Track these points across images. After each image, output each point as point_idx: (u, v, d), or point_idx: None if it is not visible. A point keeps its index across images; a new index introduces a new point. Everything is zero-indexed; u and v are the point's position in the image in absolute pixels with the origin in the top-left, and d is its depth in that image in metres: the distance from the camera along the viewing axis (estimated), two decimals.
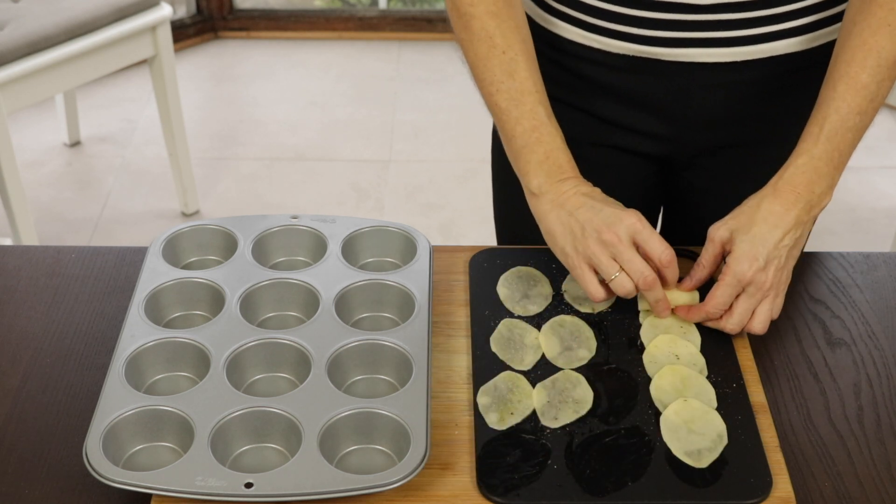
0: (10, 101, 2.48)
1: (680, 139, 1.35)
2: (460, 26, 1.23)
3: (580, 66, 1.32)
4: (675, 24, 1.24)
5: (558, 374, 1.15)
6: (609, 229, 1.14)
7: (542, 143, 1.20)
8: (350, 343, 1.14)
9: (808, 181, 1.15)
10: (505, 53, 1.21)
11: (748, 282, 1.14)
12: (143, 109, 3.42)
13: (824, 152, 1.16)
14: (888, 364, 1.20)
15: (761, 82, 1.29)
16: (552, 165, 1.19)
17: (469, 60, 1.24)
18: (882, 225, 2.97)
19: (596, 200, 1.17)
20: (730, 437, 1.08)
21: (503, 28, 1.21)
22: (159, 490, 0.99)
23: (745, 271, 1.14)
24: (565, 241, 1.17)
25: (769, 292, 1.15)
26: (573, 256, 1.17)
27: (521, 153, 1.21)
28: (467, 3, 1.21)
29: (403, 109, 3.45)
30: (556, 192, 1.18)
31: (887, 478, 1.07)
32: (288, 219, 1.30)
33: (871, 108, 1.16)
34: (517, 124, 1.21)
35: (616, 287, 1.15)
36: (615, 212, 1.15)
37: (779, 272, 1.15)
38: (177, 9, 3.69)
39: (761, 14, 1.23)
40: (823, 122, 1.16)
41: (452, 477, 1.05)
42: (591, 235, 1.14)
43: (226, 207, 3.03)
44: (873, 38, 1.15)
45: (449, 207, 3.03)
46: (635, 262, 1.14)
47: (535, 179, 1.20)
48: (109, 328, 1.22)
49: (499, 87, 1.21)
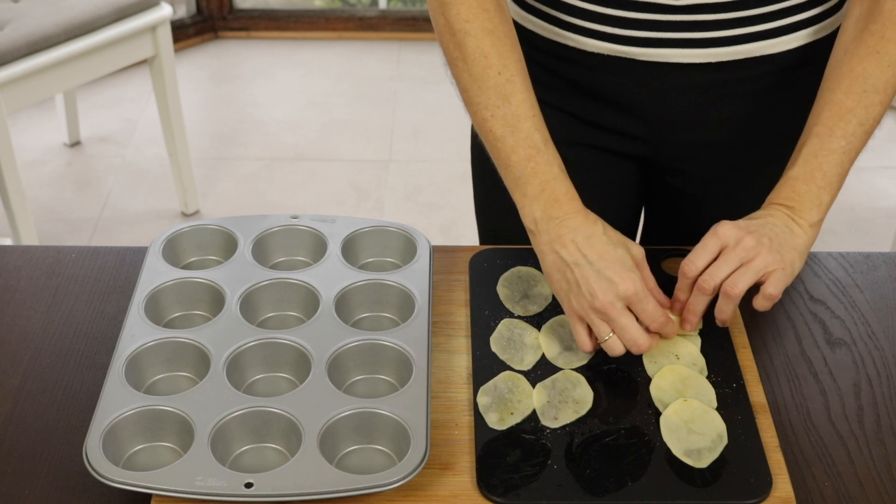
0: (10, 101, 2.48)
1: (658, 140, 1.35)
2: (452, 45, 1.17)
3: (557, 65, 1.32)
4: (651, 24, 1.23)
5: (558, 374, 1.15)
6: (603, 295, 1.09)
7: (538, 173, 1.15)
8: (350, 343, 1.14)
9: (786, 197, 1.16)
10: (501, 74, 1.15)
11: (726, 236, 1.11)
12: (143, 109, 3.42)
13: (802, 172, 1.15)
14: (888, 364, 1.20)
15: (739, 83, 1.28)
16: (548, 198, 1.14)
17: (461, 82, 1.18)
18: (882, 225, 2.97)
19: (594, 251, 1.11)
20: (730, 437, 1.08)
21: (499, 46, 1.16)
22: (159, 490, 0.99)
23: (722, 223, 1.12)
24: (560, 291, 1.14)
25: (752, 258, 1.10)
26: (566, 308, 1.14)
27: (517, 184, 1.16)
28: (462, 20, 1.15)
29: (403, 109, 3.45)
30: (553, 233, 1.13)
31: (887, 478, 1.07)
32: (288, 219, 1.30)
33: (860, 130, 1.16)
34: (512, 153, 1.15)
35: (607, 349, 1.12)
36: (611, 276, 1.10)
37: (764, 242, 1.11)
38: (177, 9, 3.69)
39: (738, 15, 1.23)
40: (802, 146, 1.17)
41: (452, 477, 1.05)
42: (584, 296, 1.10)
43: (226, 207, 3.03)
44: (861, 65, 1.15)
45: (449, 207, 3.03)
46: (628, 329, 1.10)
47: (531, 214, 1.15)
48: (109, 328, 1.22)
49: (494, 111, 1.15)
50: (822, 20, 1.27)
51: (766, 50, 1.26)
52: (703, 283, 1.11)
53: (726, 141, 1.34)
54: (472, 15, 1.15)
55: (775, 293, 1.11)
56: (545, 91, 1.35)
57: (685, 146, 1.35)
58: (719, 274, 1.11)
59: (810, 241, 1.15)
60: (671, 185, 1.41)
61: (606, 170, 1.40)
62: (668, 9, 1.22)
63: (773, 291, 1.11)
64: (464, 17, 1.15)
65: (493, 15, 1.16)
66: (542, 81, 1.34)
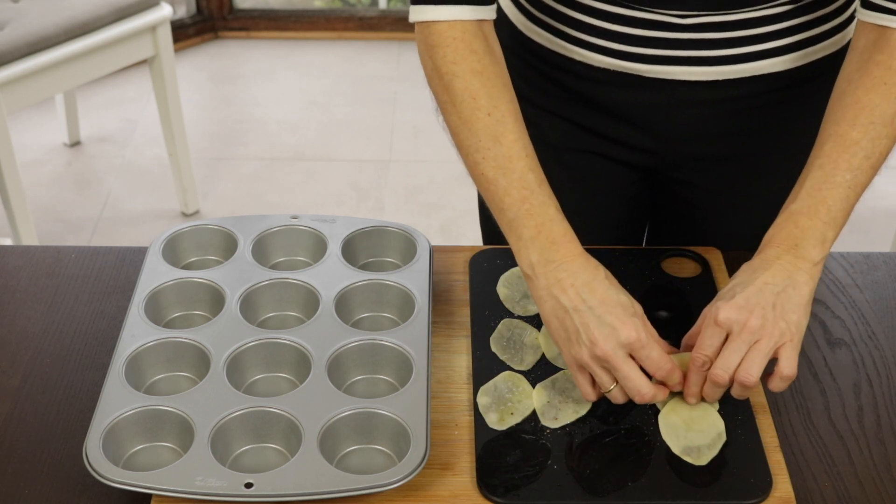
0: (10, 101, 2.48)
1: (663, 151, 1.34)
2: (441, 88, 1.13)
3: (562, 77, 1.31)
4: (658, 42, 1.23)
5: (558, 374, 1.15)
6: (604, 342, 1.03)
7: (533, 215, 1.09)
8: (350, 343, 1.14)
9: (788, 235, 1.09)
10: (490, 115, 1.11)
11: (728, 321, 1.04)
12: (143, 109, 3.42)
13: (805, 206, 1.09)
14: (888, 364, 1.20)
15: (744, 99, 1.28)
16: (544, 241, 1.09)
17: (451, 125, 1.14)
18: (882, 225, 2.97)
19: (595, 297, 1.06)
20: (730, 437, 1.08)
21: (488, 87, 1.11)
22: (159, 490, 0.99)
23: (720, 308, 1.05)
24: (560, 340, 1.08)
25: (760, 338, 1.04)
26: (567, 357, 1.08)
27: (511, 227, 1.11)
28: (449, 62, 1.12)
29: (403, 109, 3.45)
30: (551, 277, 1.08)
31: (887, 478, 1.07)
32: (288, 219, 1.30)
33: (867, 164, 1.10)
34: (506, 195, 1.10)
35: (611, 398, 1.07)
36: (612, 322, 1.04)
37: (768, 315, 1.04)
38: (177, 9, 3.68)
39: (744, 34, 1.22)
40: (805, 178, 1.11)
41: (452, 477, 1.05)
42: (584, 344, 1.05)
43: (226, 207, 3.03)
44: (867, 96, 1.10)
45: (449, 207, 3.03)
46: (631, 378, 1.04)
47: (528, 259, 1.09)
48: (109, 328, 1.22)
49: (485, 154, 1.11)
50: (829, 38, 1.26)
51: (771, 68, 1.25)
52: (717, 377, 1.05)
53: (731, 154, 1.34)
54: (459, 57, 1.12)
55: (791, 374, 1.05)
56: (549, 101, 1.34)
57: (690, 158, 1.35)
58: (731, 365, 1.04)
59: (813, 288, 1.08)
60: (676, 195, 1.41)
61: (611, 177, 1.40)
62: (675, 27, 1.21)
63: (789, 373, 1.04)
64: (450, 59, 1.12)
65: (481, 56, 1.12)
66: (547, 91, 1.34)
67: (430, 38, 1.13)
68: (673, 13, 1.20)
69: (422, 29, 1.14)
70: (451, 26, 1.12)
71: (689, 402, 1.09)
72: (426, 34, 1.14)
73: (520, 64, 1.33)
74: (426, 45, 1.14)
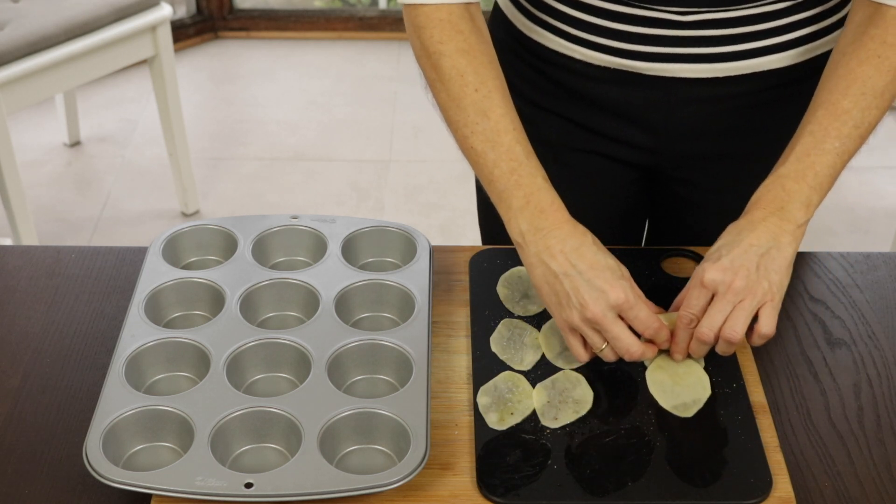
0: (10, 101, 2.48)
1: (662, 150, 1.34)
2: (429, 67, 1.17)
3: (561, 76, 1.32)
4: (658, 40, 1.23)
5: (558, 374, 1.15)
6: (594, 305, 1.08)
7: (521, 185, 1.13)
8: (350, 343, 1.14)
9: (775, 197, 1.13)
10: (478, 91, 1.14)
11: (714, 283, 1.09)
12: (143, 109, 3.42)
13: (793, 171, 1.13)
14: (888, 364, 1.20)
15: (745, 96, 1.28)
16: (533, 210, 1.13)
17: (440, 102, 1.18)
18: (882, 225, 2.97)
19: (583, 261, 1.10)
20: (730, 437, 1.08)
21: (475, 65, 1.15)
22: (159, 490, 0.99)
23: (707, 269, 1.10)
24: (551, 304, 1.12)
25: (744, 297, 1.08)
26: (559, 321, 1.13)
27: (501, 198, 1.15)
28: (436, 42, 1.15)
29: (403, 109, 3.45)
30: (540, 244, 1.12)
31: (887, 478, 1.07)
32: (288, 219, 1.30)
33: (855, 133, 1.14)
34: (495, 167, 1.14)
35: (603, 357, 1.12)
36: (601, 285, 1.08)
37: (752, 276, 1.08)
38: (177, 9, 3.68)
39: (744, 31, 1.22)
40: (795, 143, 1.15)
41: (452, 477, 1.05)
42: (575, 307, 1.09)
43: (226, 207, 3.03)
44: (860, 67, 1.14)
45: (449, 207, 3.03)
46: (621, 338, 1.09)
47: (517, 227, 1.13)
48: (109, 328, 1.22)
49: (473, 128, 1.14)
50: (829, 34, 1.27)
51: (772, 65, 1.25)
52: (703, 335, 1.10)
53: (731, 151, 1.34)
54: (445, 37, 1.15)
55: (770, 332, 1.10)
56: (549, 99, 1.35)
57: (690, 156, 1.35)
58: (716, 323, 1.09)
59: (796, 248, 1.12)
60: (676, 193, 1.41)
61: (610, 176, 1.40)
62: (675, 24, 1.22)
63: (767, 331, 1.10)
64: (437, 39, 1.15)
65: (467, 36, 1.15)
66: (546, 90, 1.34)
67: (417, 19, 1.17)
68: (673, 10, 1.20)
69: (409, 10, 1.17)
70: (438, 8, 1.16)
71: (675, 358, 1.15)
72: (413, 15, 1.17)
73: (519, 62, 1.33)
74: (413, 27, 1.17)
